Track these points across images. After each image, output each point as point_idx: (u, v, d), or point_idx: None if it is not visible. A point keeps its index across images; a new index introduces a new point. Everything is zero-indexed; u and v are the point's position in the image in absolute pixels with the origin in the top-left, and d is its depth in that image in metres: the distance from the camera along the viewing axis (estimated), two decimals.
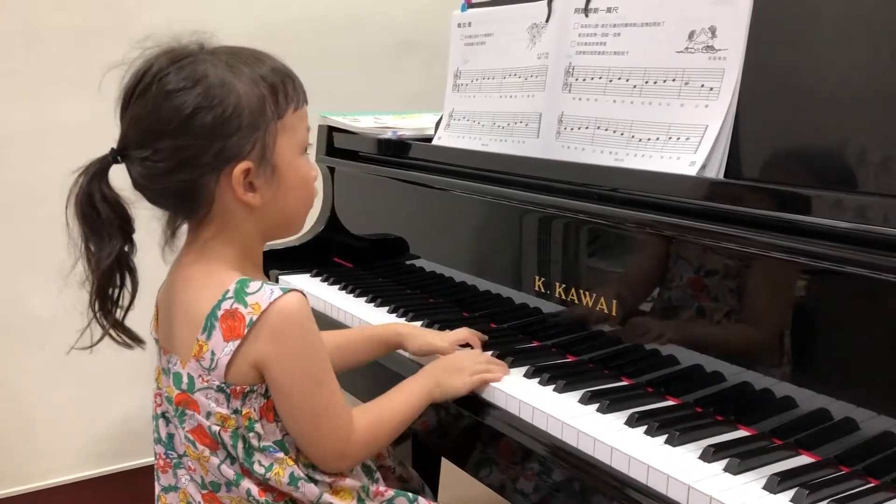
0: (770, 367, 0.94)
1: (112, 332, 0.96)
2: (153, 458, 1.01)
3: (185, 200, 0.93)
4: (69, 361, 1.88)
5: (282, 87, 0.93)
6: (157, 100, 0.88)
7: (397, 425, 1.02)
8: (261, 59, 0.94)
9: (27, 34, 1.76)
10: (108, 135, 0.96)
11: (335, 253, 1.70)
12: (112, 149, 0.92)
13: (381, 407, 1.02)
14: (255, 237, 0.98)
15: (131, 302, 0.96)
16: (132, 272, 0.95)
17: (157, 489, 1.01)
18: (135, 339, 0.97)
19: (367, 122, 1.67)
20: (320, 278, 1.59)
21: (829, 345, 0.90)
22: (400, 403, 1.02)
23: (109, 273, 0.92)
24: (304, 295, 0.93)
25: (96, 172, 0.91)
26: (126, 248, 0.93)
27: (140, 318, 1.00)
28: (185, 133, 0.88)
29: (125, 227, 0.93)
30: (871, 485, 0.83)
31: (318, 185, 1.11)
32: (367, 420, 0.99)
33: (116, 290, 0.94)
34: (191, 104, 0.88)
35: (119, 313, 0.96)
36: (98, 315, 0.94)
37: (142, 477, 1.95)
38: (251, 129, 0.90)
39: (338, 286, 1.53)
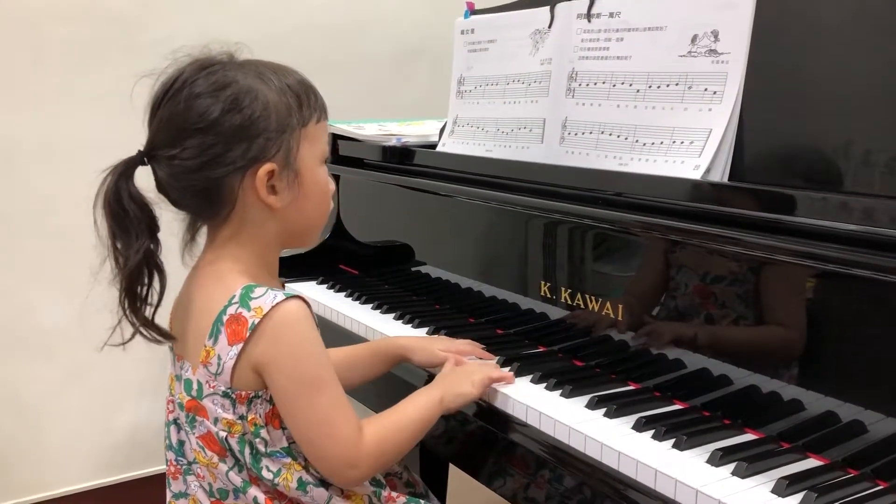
0: (777, 370, 0.93)
1: (142, 329, 0.97)
2: (162, 467, 1.02)
3: (209, 199, 0.95)
4: (77, 372, 1.90)
5: (306, 98, 0.97)
6: (188, 101, 0.92)
7: (408, 436, 1.00)
8: (288, 71, 0.98)
9: (33, 47, 1.77)
10: (111, 147, 0.97)
11: (341, 260, 1.70)
12: (139, 150, 0.95)
13: (390, 417, 1.01)
14: (272, 243, 0.99)
15: (160, 299, 0.97)
16: (160, 270, 0.96)
17: (169, 495, 1.02)
18: (165, 336, 0.98)
19: (371, 129, 1.67)
20: (326, 286, 1.59)
21: (836, 347, 0.90)
22: (410, 413, 1.01)
23: (138, 271, 0.94)
24: (305, 301, 0.94)
25: (123, 172, 0.94)
26: (153, 247, 0.95)
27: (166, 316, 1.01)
28: (214, 131, 0.91)
29: (152, 225, 0.95)
30: (880, 487, 0.82)
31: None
32: (377, 430, 0.97)
33: (145, 288, 0.96)
34: (220, 105, 0.92)
35: (148, 311, 0.97)
36: (128, 313, 0.95)
37: (150, 486, 1.95)
38: (277, 133, 0.94)
39: (344, 293, 1.54)
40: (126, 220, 0.93)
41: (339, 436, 0.94)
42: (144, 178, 0.96)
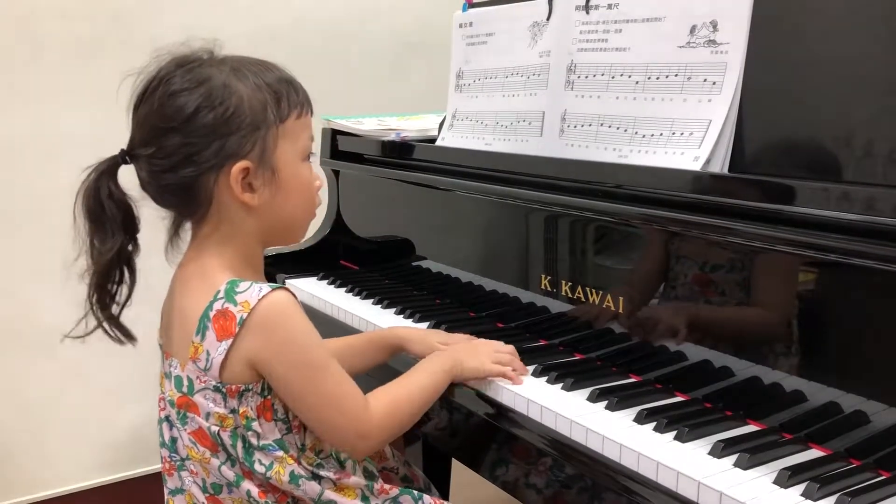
0: (779, 361, 0.93)
1: (105, 325, 0.98)
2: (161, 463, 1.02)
3: (186, 198, 0.95)
4: (79, 369, 1.90)
5: (285, 94, 0.96)
6: (163, 99, 0.92)
7: (418, 402, 1.02)
8: (267, 67, 0.97)
9: (32, 43, 1.77)
10: (111, 144, 0.98)
11: (341, 256, 1.70)
12: (122, 149, 0.96)
13: (400, 385, 1.02)
14: (254, 240, 0.99)
15: (128, 298, 0.98)
16: (132, 269, 0.98)
17: (166, 492, 1.02)
18: (127, 336, 0.99)
19: (370, 124, 1.67)
20: (327, 281, 1.59)
21: (838, 338, 0.90)
22: (419, 380, 1.03)
23: (109, 267, 0.95)
24: (291, 292, 0.95)
25: (105, 170, 0.95)
26: (129, 246, 0.96)
27: (149, 320, 1.02)
28: (188, 130, 0.91)
29: (129, 224, 0.96)
30: (883, 477, 0.82)
31: (322, 193, 1.12)
32: (385, 398, 0.99)
33: (115, 286, 0.97)
34: (193, 103, 0.91)
35: (115, 309, 0.98)
36: (94, 307, 0.97)
37: (152, 484, 1.95)
38: (251, 130, 0.93)
39: (344, 289, 1.53)
40: (102, 216, 0.94)
41: (347, 409, 0.95)
42: (130, 177, 0.97)
